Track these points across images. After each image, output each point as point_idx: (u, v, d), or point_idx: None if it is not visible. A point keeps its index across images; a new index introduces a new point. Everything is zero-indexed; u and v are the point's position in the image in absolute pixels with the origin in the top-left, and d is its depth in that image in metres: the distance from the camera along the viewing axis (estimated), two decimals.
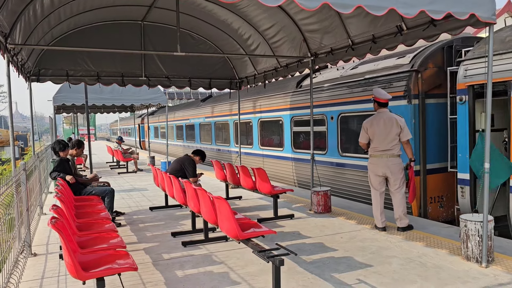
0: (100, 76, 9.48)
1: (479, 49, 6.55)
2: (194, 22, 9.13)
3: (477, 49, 6.62)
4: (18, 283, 4.43)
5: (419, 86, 7.32)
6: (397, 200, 6.06)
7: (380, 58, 8.66)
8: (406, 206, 6.11)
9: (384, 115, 6.07)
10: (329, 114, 9.44)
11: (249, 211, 7.88)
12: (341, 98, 9.03)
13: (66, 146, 7.30)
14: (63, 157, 7.04)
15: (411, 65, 7.48)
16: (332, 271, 4.59)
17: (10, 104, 5.81)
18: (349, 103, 8.79)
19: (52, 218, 3.41)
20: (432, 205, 7.59)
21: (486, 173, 4.48)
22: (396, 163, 6.02)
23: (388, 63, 8.17)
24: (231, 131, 14.84)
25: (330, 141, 9.49)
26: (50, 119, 19.21)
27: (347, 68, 9.41)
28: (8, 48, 6.00)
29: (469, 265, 4.61)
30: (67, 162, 6.97)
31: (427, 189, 7.48)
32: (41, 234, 6.58)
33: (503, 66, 6.00)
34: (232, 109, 14.62)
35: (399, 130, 5.97)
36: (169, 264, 4.98)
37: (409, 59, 7.68)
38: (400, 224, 6.07)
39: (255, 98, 12.96)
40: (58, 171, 6.71)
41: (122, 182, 12.74)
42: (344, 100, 8.92)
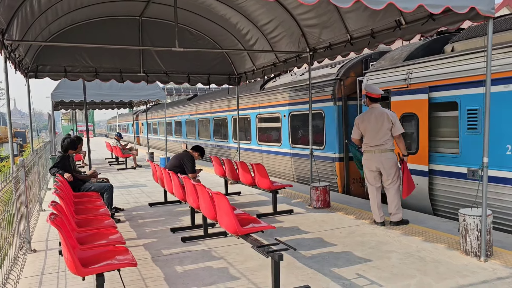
0: (98, 72, 9.45)
1: (378, 64, 8.36)
2: (192, 18, 9.10)
3: (376, 63, 8.41)
4: (18, 279, 4.43)
5: (342, 91, 9.28)
6: (390, 195, 6.06)
7: (322, 66, 10.41)
8: (400, 201, 6.07)
9: (375, 110, 6.06)
10: (283, 112, 11.41)
11: (248, 206, 7.89)
12: (290, 99, 11.01)
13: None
14: (65, 154, 7.02)
15: (336, 74, 9.45)
16: (331, 266, 4.60)
17: (8, 101, 5.79)
18: (296, 103, 10.77)
19: (51, 215, 3.41)
20: (354, 185, 9.43)
21: (485, 167, 4.48)
22: (389, 158, 5.99)
23: (323, 72, 10.13)
24: (211, 126, 17.37)
25: (284, 135, 11.43)
26: (48, 116, 19.17)
27: (298, 74, 11.19)
28: (5, 44, 5.97)
29: (468, 260, 4.63)
30: (67, 159, 6.96)
31: (349, 172, 9.33)
32: (41, 231, 6.59)
33: (387, 78, 7.79)
34: (212, 107, 16.97)
35: (390, 125, 5.93)
36: (169, 260, 4.98)
37: (336, 69, 9.63)
38: (393, 219, 6.08)
39: (229, 99, 15.06)
40: (58, 167, 6.70)
41: (121, 178, 12.74)
42: (293, 101, 10.92)
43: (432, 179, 7.08)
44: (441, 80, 6.84)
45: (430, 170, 7.10)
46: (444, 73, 6.78)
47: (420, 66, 7.24)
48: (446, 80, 6.75)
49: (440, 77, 6.84)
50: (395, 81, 7.65)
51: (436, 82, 6.91)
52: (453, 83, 6.65)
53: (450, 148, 6.83)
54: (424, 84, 7.11)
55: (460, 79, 6.53)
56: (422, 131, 7.15)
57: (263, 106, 12.51)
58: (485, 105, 4.44)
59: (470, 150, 6.42)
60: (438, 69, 6.88)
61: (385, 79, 7.88)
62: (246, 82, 10.82)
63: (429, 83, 7.03)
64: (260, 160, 12.86)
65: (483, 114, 6.09)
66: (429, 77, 7.02)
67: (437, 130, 7.09)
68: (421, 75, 7.17)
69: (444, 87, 6.82)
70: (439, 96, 6.91)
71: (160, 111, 25.51)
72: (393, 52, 8.47)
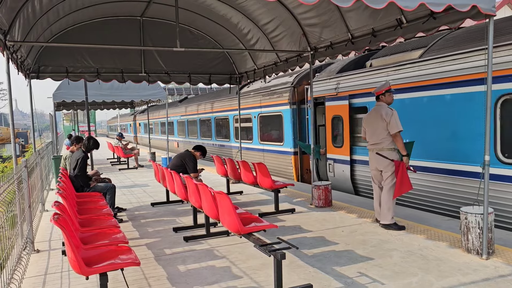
0: (99, 73, 9.47)
1: (320, 75, 10.30)
2: (193, 17, 9.11)
3: (319, 74, 10.35)
4: (22, 279, 4.46)
5: (296, 96, 11.17)
6: (383, 195, 5.91)
7: (283, 75, 12.30)
8: (390, 203, 5.82)
9: (376, 108, 5.99)
10: (253, 114, 13.37)
11: (250, 205, 7.91)
12: (258, 103, 12.98)
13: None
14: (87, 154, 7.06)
15: (292, 83, 11.30)
16: (333, 264, 4.61)
17: (10, 102, 5.82)
18: (262, 106, 12.75)
19: (54, 214, 3.43)
20: (307, 174, 11.23)
21: (486, 165, 4.49)
22: (385, 157, 5.84)
23: (283, 80, 12.02)
24: (198, 127, 19.60)
25: (254, 133, 13.44)
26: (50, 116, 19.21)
27: (268, 80, 12.79)
28: (7, 45, 5.99)
29: (470, 257, 4.63)
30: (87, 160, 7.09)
31: (303, 163, 11.17)
32: (44, 231, 6.61)
33: (324, 87, 9.84)
34: (199, 109, 19.19)
35: (385, 124, 5.78)
36: (171, 259, 5.01)
37: (292, 78, 11.48)
38: (382, 221, 5.93)
39: (213, 101, 17.25)
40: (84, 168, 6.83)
41: (123, 178, 12.76)
42: (260, 105, 12.89)
43: (353, 166, 9.03)
44: (357, 90, 8.75)
45: (351, 160, 9.04)
46: (358, 84, 8.69)
47: (345, 78, 9.14)
48: (360, 90, 8.66)
49: (356, 87, 8.75)
50: (329, 89, 9.61)
51: (354, 91, 8.81)
52: (364, 92, 8.53)
53: (364, 142, 8.37)
54: (346, 93, 9.02)
55: (368, 89, 8.33)
56: (345, 129, 9.09)
57: (237, 108, 14.27)
58: (486, 104, 4.44)
59: None
60: (355, 80, 8.79)
61: (323, 88, 9.90)
62: (247, 81, 10.85)
63: (349, 92, 8.93)
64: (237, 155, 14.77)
65: None
66: (349, 87, 8.93)
67: (356, 129, 8.96)
68: (344, 85, 9.10)
69: (359, 95, 8.72)
70: (356, 102, 8.84)
71: (154, 112, 27.48)
72: (332, 65, 10.34)
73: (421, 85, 7.17)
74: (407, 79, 7.45)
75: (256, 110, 13.16)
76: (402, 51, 8.16)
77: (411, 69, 7.38)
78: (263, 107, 12.72)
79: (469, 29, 7.08)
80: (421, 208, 7.35)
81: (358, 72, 8.75)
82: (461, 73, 6.47)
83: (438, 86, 6.86)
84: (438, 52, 7.05)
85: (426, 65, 7.08)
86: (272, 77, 11.49)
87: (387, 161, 5.84)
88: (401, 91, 7.51)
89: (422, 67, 7.15)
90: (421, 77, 7.15)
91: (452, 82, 6.62)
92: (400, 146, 5.78)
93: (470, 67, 6.33)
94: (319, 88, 10.02)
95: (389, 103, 5.99)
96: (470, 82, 6.33)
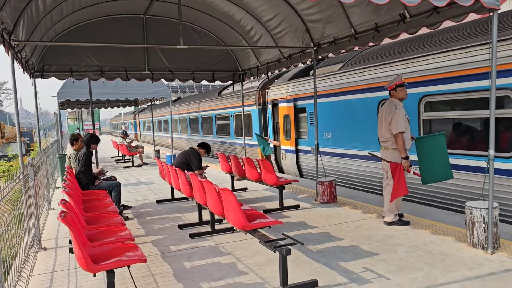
0: (103, 71, 9.51)
1: (277, 81, 12.47)
2: (196, 15, 9.12)
3: (277, 80, 12.55)
4: (30, 277, 4.50)
5: (261, 98, 13.41)
6: (385, 195, 5.87)
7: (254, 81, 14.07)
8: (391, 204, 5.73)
9: (385, 104, 5.78)
10: (230, 113, 15.82)
11: (255, 202, 7.93)
12: (233, 103, 15.39)
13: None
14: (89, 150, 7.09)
15: (258, 87, 13.56)
16: (338, 259, 4.63)
17: (15, 101, 5.85)
18: (235, 107, 15.14)
19: (61, 212, 3.46)
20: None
21: (491, 160, 4.47)
22: (388, 156, 5.69)
23: (252, 84, 14.40)
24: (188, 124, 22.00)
25: (231, 129, 15.90)
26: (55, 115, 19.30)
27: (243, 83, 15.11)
28: (12, 44, 6.03)
29: (475, 252, 4.63)
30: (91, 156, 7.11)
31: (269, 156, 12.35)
32: (50, 229, 6.67)
33: (279, 91, 11.91)
34: (189, 108, 21.47)
35: (387, 123, 5.58)
36: (177, 256, 5.04)
37: (259, 83, 13.79)
38: (384, 218, 5.90)
39: (199, 101, 19.84)
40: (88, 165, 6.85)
41: (128, 176, 12.82)
42: (234, 105, 15.31)
43: (298, 155, 11.28)
44: (299, 94, 10.93)
45: (297, 149, 11.28)
46: (300, 90, 10.88)
47: (292, 85, 11.31)
48: (301, 94, 10.84)
49: (298, 92, 10.94)
50: (282, 93, 11.80)
51: (297, 95, 11.02)
52: (303, 96, 10.74)
53: (304, 135, 10.95)
54: (292, 96, 11.23)
55: (305, 94, 10.60)
56: (292, 125, 11.32)
57: (219, 108, 17.03)
58: (490, 99, 4.42)
59: (312, 136, 10.48)
60: (298, 87, 10.97)
61: (278, 92, 12.01)
62: (250, 78, 10.88)
63: (294, 96, 11.15)
64: (218, 148, 17.00)
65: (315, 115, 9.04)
66: (294, 92, 11.15)
67: (299, 125, 11.15)
68: (291, 90, 11.27)
69: (300, 98, 10.91)
70: (298, 104, 11.04)
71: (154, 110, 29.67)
72: (287, 73, 12.35)
73: (339, 92, 9.30)
74: (330, 87, 9.55)
75: (232, 110, 15.62)
76: (332, 63, 10.43)
77: (332, 79, 9.51)
78: (236, 108, 15.08)
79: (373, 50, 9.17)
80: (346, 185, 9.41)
81: (300, 80, 10.99)
82: (358, 84, 8.60)
83: (348, 92, 9.00)
84: (349, 66, 9.18)
85: (341, 76, 9.23)
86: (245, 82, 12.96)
87: (386, 162, 5.72)
88: (326, 96, 9.71)
89: (339, 77, 9.28)
90: (339, 85, 9.28)
91: (353, 91, 8.80)
92: (400, 148, 5.51)
93: (363, 79, 8.41)
94: (275, 92, 12.19)
95: (401, 98, 5.66)
96: (364, 90, 8.44)
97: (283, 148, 12.00)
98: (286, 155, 11.84)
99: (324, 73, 9.92)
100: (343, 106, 9.18)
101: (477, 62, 6.15)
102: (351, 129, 9.01)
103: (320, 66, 10.83)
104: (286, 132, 11.71)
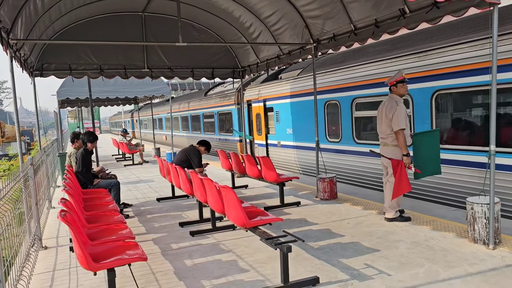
0: (102, 69, 9.49)
1: (252, 83, 14.09)
2: (195, 12, 9.09)
3: (252, 83, 14.17)
4: (31, 276, 4.50)
5: (239, 98, 14.73)
6: (385, 191, 5.84)
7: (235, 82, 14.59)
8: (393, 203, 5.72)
9: (385, 101, 5.73)
10: (215, 112, 17.65)
11: (256, 199, 7.93)
12: (217, 103, 17.34)
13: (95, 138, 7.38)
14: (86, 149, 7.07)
15: (236, 89, 15.24)
16: (339, 256, 4.62)
17: (15, 100, 5.84)
18: (219, 106, 17.10)
19: (61, 211, 3.45)
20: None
21: (492, 155, 4.46)
22: (388, 153, 5.65)
23: (232, 86, 16.22)
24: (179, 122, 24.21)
25: (216, 126, 17.73)
26: (54, 114, 19.28)
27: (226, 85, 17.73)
28: (10, 43, 6.01)
29: (476, 247, 4.63)
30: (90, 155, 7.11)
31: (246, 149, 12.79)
32: (51, 228, 6.66)
33: (252, 93, 13.63)
34: (180, 107, 23.63)
35: (388, 120, 5.53)
36: (178, 254, 5.03)
37: (238, 85, 14.84)
38: (385, 215, 5.87)
39: (189, 101, 21.87)
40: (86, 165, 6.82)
41: (128, 174, 12.82)
42: (218, 105, 17.22)
43: (268, 148, 12.93)
44: (268, 95, 12.62)
45: (266, 144, 13.06)
46: (268, 92, 12.55)
47: (262, 87, 12.98)
48: (269, 95, 12.52)
49: (267, 93, 12.62)
50: (254, 94, 13.51)
51: (266, 96, 12.69)
52: (271, 97, 12.40)
53: (273, 131, 12.61)
54: (262, 97, 12.95)
55: (272, 95, 12.28)
56: (262, 123, 13.10)
57: (205, 107, 18.92)
58: (491, 93, 4.40)
59: (278, 132, 12.19)
60: (267, 89, 12.66)
61: (252, 93, 13.73)
62: (250, 75, 10.87)
63: (264, 97, 12.86)
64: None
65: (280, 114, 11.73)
66: (264, 93, 12.82)
67: (268, 122, 12.91)
68: (262, 92, 12.97)
69: (269, 99, 12.58)
70: (267, 104, 12.71)
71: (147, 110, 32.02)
72: (260, 77, 13.90)
73: (297, 94, 11.02)
74: (291, 89, 11.25)
75: (216, 109, 17.47)
76: (296, 69, 11.72)
77: (293, 82, 11.18)
78: (219, 107, 17.03)
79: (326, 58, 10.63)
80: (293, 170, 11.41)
81: (269, 83, 12.61)
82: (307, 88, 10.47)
83: (301, 95, 10.81)
84: (305, 72, 10.90)
85: (299, 80, 10.91)
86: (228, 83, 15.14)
87: (388, 159, 5.67)
88: (289, 97, 11.39)
89: (297, 81, 10.99)
90: (297, 88, 11.00)
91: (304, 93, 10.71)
92: (400, 144, 5.48)
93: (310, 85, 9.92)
94: (250, 93, 13.89)
95: (402, 95, 5.64)
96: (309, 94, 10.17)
97: (256, 142, 13.84)
98: (259, 149, 13.71)
99: (289, 77, 11.67)
100: (299, 106, 10.97)
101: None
102: (305, 126, 10.78)
103: (286, 71, 12.35)
104: (258, 129, 13.53)
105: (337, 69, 9.41)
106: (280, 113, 11.93)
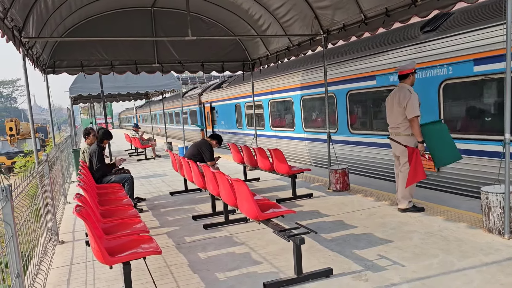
0: (113, 65, 9.55)
1: (207, 89, 20.55)
2: (204, 5, 9.07)
3: (208, 89, 20.52)
4: (49, 270, 4.59)
5: (202, 100, 20.61)
6: (399, 181, 5.78)
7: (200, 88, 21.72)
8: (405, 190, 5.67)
9: (396, 89, 5.69)
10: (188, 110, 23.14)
11: (268, 192, 7.94)
12: (190, 103, 22.33)
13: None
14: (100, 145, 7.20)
15: (199, 92, 21.16)
16: (352, 247, 4.62)
17: (28, 97, 5.92)
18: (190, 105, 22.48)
19: (77, 206, 3.51)
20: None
21: (507, 143, 4.39)
22: (402, 142, 5.61)
23: (197, 90, 22.77)
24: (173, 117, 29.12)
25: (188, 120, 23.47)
26: (68, 110, 19.50)
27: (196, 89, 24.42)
28: (22, 41, 6.08)
29: (492, 237, 4.58)
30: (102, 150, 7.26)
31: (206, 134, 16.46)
32: (67, 223, 6.78)
33: (207, 97, 19.92)
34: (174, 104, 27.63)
35: (401, 108, 5.49)
36: (192, 247, 5.08)
37: (200, 90, 21.50)
38: (399, 205, 5.84)
39: (173, 101, 26.94)
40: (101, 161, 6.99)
41: (141, 169, 12.94)
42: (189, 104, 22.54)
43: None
44: (212, 99, 18.70)
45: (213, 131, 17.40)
46: (212, 96, 18.71)
47: (210, 94, 18.92)
48: (213, 99, 18.64)
49: (212, 98, 18.85)
50: (205, 98, 19.11)
51: (212, 100, 18.97)
52: (214, 100, 18.66)
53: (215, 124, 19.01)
54: (209, 100, 19.10)
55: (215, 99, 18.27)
56: (211, 117, 19.25)
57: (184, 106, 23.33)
58: (505, 81, 4.32)
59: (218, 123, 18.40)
60: (211, 94, 18.85)
61: (205, 97, 19.38)
62: (260, 67, 10.81)
63: (210, 100, 18.97)
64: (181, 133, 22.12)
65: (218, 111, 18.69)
66: (210, 97, 18.77)
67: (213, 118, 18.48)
68: (210, 97, 19.03)
69: (213, 102, 18.69)
70: (213, 105, 18.65)
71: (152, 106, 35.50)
72: (212, 85, 19.48)
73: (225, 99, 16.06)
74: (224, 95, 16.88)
75: (189, 107, 22.93)
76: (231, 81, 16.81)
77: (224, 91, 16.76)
78: (190, 106, 22.61)
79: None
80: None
81: (213, 90, 18.65)
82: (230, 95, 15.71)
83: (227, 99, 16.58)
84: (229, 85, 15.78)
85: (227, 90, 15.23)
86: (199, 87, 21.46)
87: (402, 147, 5.62)
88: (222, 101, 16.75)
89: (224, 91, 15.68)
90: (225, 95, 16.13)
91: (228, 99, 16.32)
92: (416, 132, 5.46)
93: (229, 93, 16.01)
94: (204, 97, 19.99)
95: (412, 84, 5.66)
96: (231, 99, 15.92)
97: (209, 130, 19.77)
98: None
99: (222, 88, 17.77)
100: (226, 107, 17.12)
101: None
102: (230, 119, 16.82)
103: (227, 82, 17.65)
104: (209, 123, 19.74)
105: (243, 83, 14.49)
106: (218, 111, 18.29)
